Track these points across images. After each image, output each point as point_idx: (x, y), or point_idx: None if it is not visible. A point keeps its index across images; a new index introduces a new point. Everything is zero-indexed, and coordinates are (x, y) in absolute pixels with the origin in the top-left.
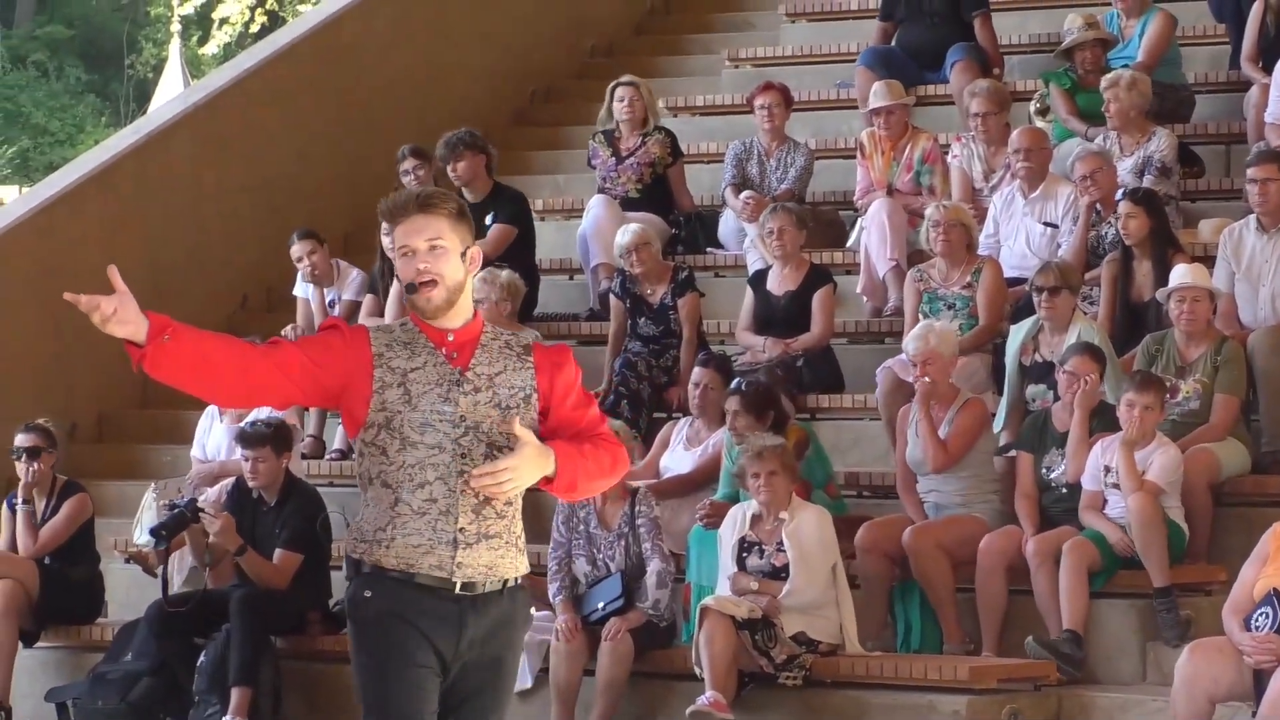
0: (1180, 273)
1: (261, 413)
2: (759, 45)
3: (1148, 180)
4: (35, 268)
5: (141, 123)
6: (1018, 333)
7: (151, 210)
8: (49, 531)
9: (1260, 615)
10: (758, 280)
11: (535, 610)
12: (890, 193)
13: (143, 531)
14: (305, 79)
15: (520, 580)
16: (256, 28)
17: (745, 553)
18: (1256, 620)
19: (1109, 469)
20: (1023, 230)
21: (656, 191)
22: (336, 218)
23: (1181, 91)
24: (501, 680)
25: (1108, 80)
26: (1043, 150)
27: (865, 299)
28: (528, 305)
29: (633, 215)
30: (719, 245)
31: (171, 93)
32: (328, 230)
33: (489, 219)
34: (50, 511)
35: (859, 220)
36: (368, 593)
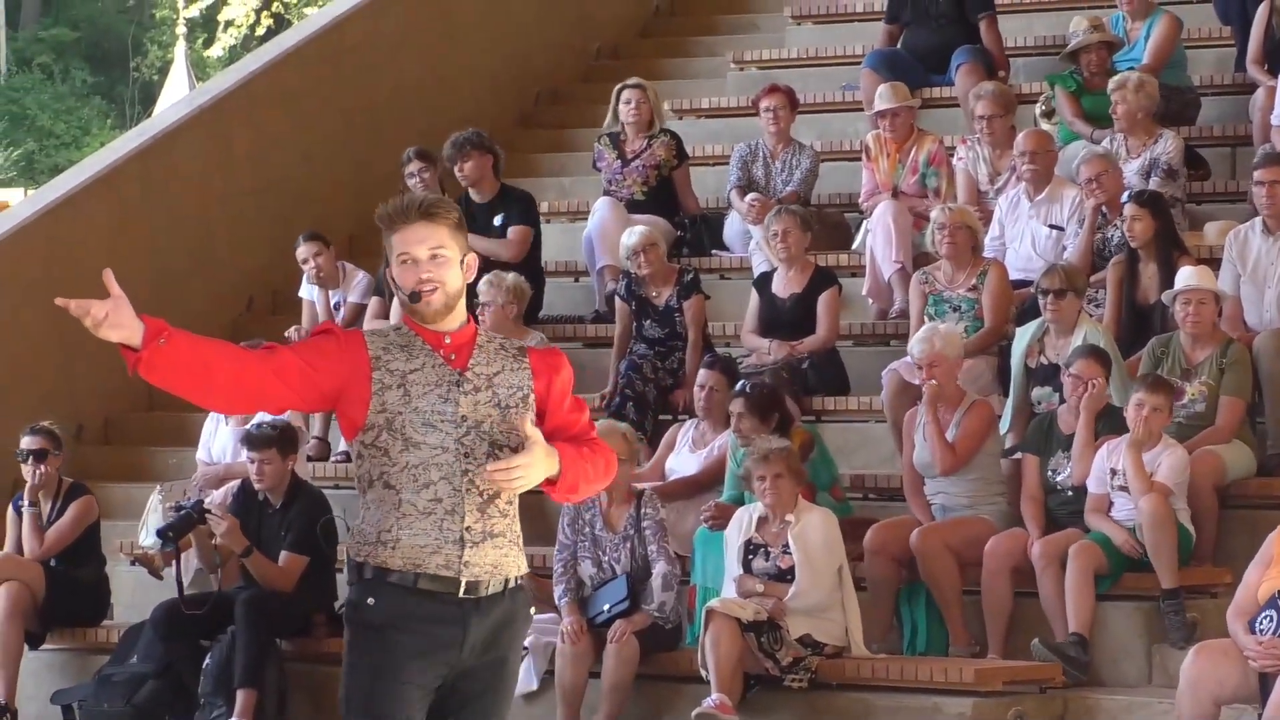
0: (1186, 275)
1: (266, 415)
2: (764, 48)
3: (1154, 182)
4: (41, 270)
5: (147, 125)
6: (1023, 335)
7: (157, 213)
8: (55, 534)
9: (1264, 618)
10: (763, 282)
11: (535, 611)
12: (895, 195)
13: (148, 534)
14: (311, 82)
15: (521, 580)
16: (262, 30)
17: (751, 555)
18: (1261, 623)
19: (1115, 471)
20: (1028, 233)
21: (662, 194)
22: (342, 220)
23: (1187, 94)
24: (504, 681)
25: (1115, 82)
26: (1048, 153)
27: (870, 301)
28: (533, 307)
29: (638, 217)
30: (724, 247)
31: (177, 95)
32: (333, 232)
33: (497, 220)
34: (56, 514)
35: (864, 223)
36: (370, 600)
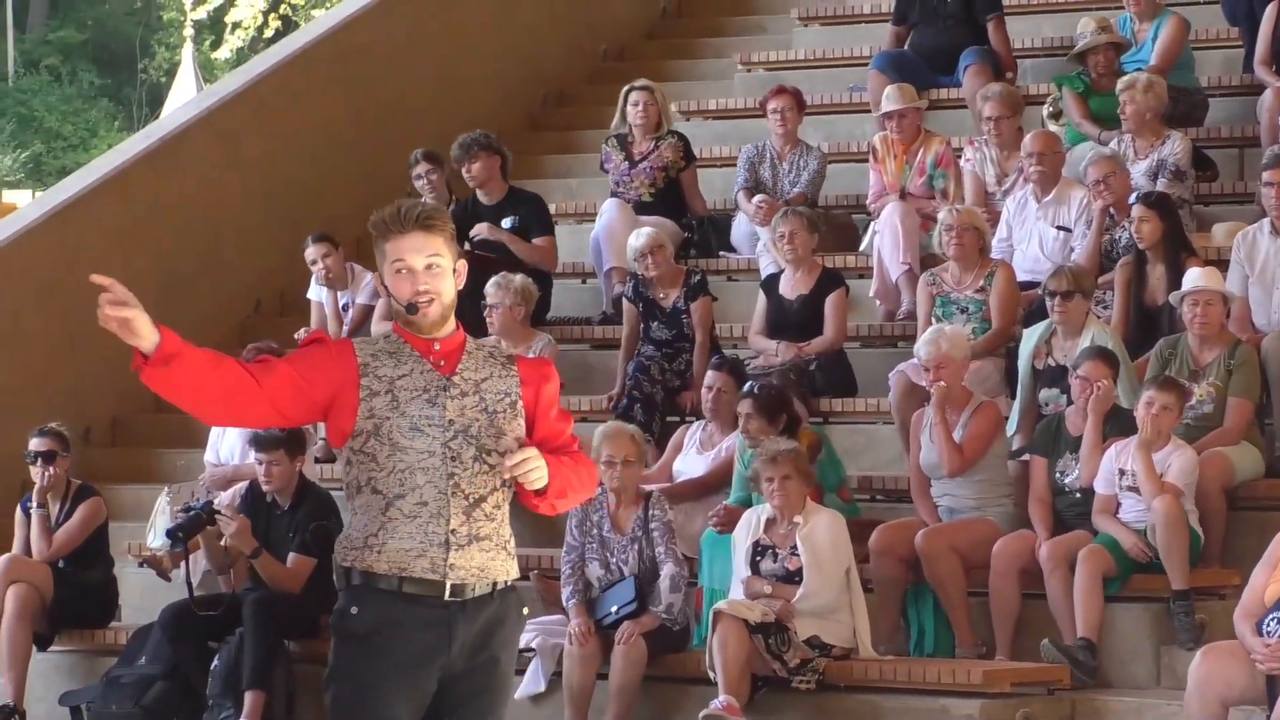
0: (1194, 276)
1: None
2: (771, 49)
3: (1161, 184)
4: (49, 272)
5: (154, 127)
6: (1030, 337)
7: (165, 214)
8: (63, 535)
9: (1271, 620)
10: (770, 284)
11: (527, 612)
12: (903, 196)
13: (157, 535)
14: (318, 83)
15: (510, 583)
16: (270, 32)
17: (759, 556)
18: (1268, 625)
19: (1123, 472)
20: (1036, 234)
21: (669, 195)
22: (350, 221)
23: (1195, 95)
24: (498, 682)
25: (1124, 82)
26: (1056, 154)
27: (878, 303)
28: (541, 309)
29: (646, 219)
30: (732, 249)
31: (184, 97)
32: (342, 234)
33: (505, 222)
34: (64, 515)
35: (872, 224)
36: (354, 609)
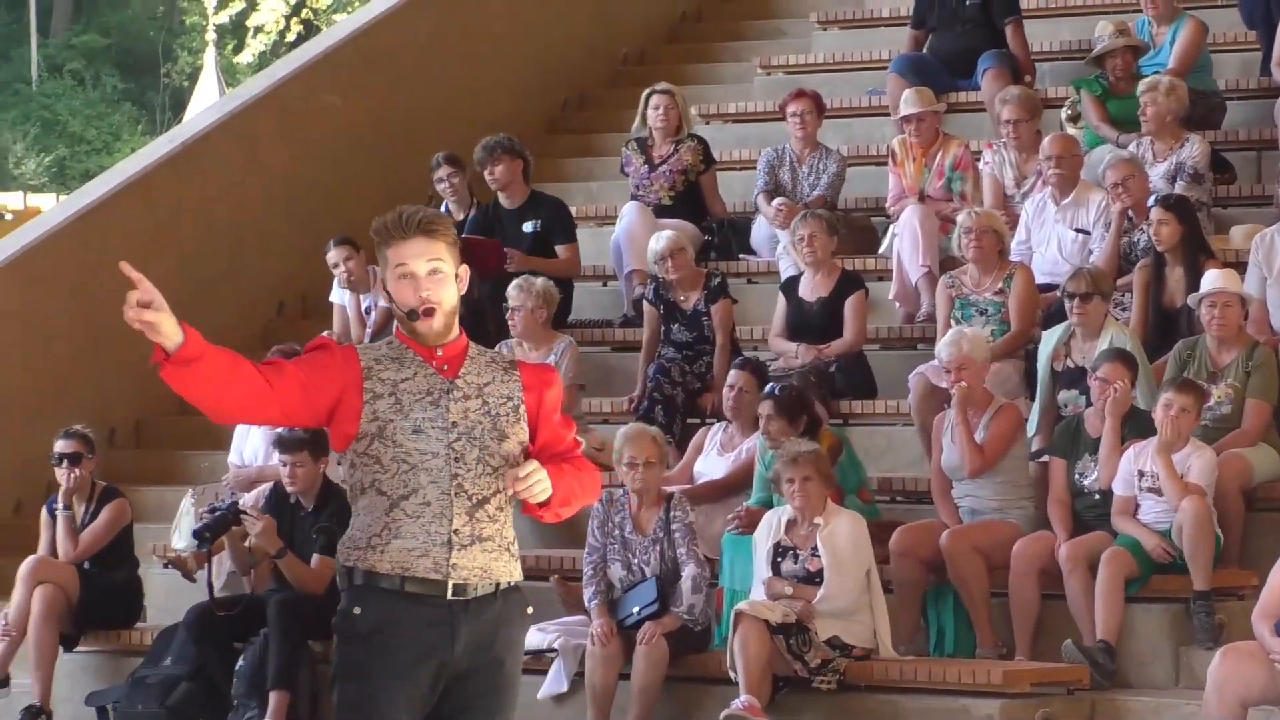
0: (1212, 278)
1: None
2: (791, 53)
3: (1180, 186)
4: (73, 275)
5: (177, 131)
6: (1050, 338)
7: (188, 217)
8: (89, 536)
9: None
10: (790, 286)
11: (531, 611)
12: (922, 199)
13: (181, 536)
14: (340, 87)
15: (514, 584)
16: (292, 36)
17: (780, 558)
18: None
19: (1143, 474)
20: (1054, 237)
21: (689, 198)
22: (369, 225)
23: (1212, 98)
24: (504, 683)
25: (1146, 84)
26: (1074, 157)
27: (897, 305)
28: (562, 312)
29: (666, 222)
30: (751, 252)
31: (207, 101)
32: (363, 237)
33: (526, 226)
34: (90, 517)
35: (891, 227)
36: (357, 609)
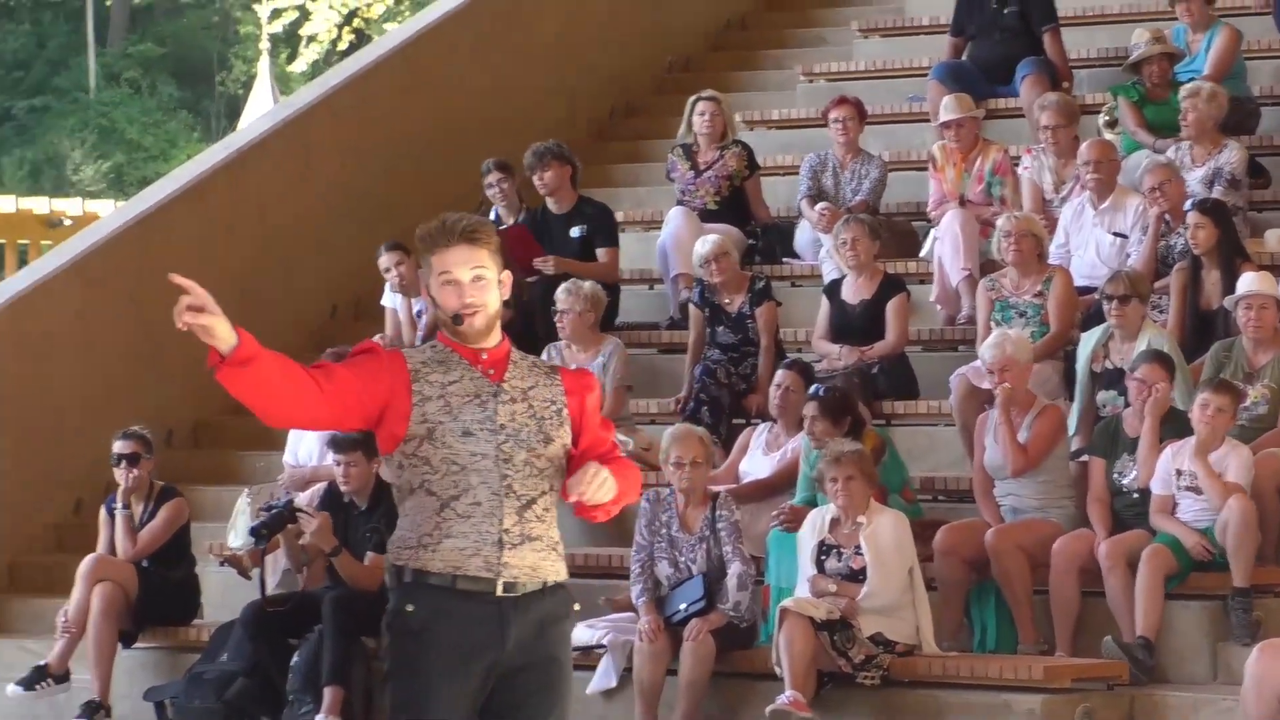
0: (1248, 281)
1: None
2: (833, 60)
3: (1217, 191)
4: (132, 279)
5: (232, 138)
6: (1088, 340)
7: (242, 223)
8: (147, 535)
9: None
10: (833, 289)
11: (578, 608)
12: (962, 204)
13: (238, 535)
14: (391, 95)
15: (560, 582)
16: (344, 45)
17: (824, 556)
18: None
19: (1180, 473)
20: (1092, 240)
21: (734, 203)
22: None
23: (1247, 104)
24: (558, 678)
25: (1187, 90)
26: (1111, 162)
27: (938, 307)
28: (609, 315)
29: (711, 226)
30: (795, 255)
31: (261, 109)
32: (413, 242)
33: (573, 231)
34: (148, 516)
35: (932, 231)
36: (409, 606)
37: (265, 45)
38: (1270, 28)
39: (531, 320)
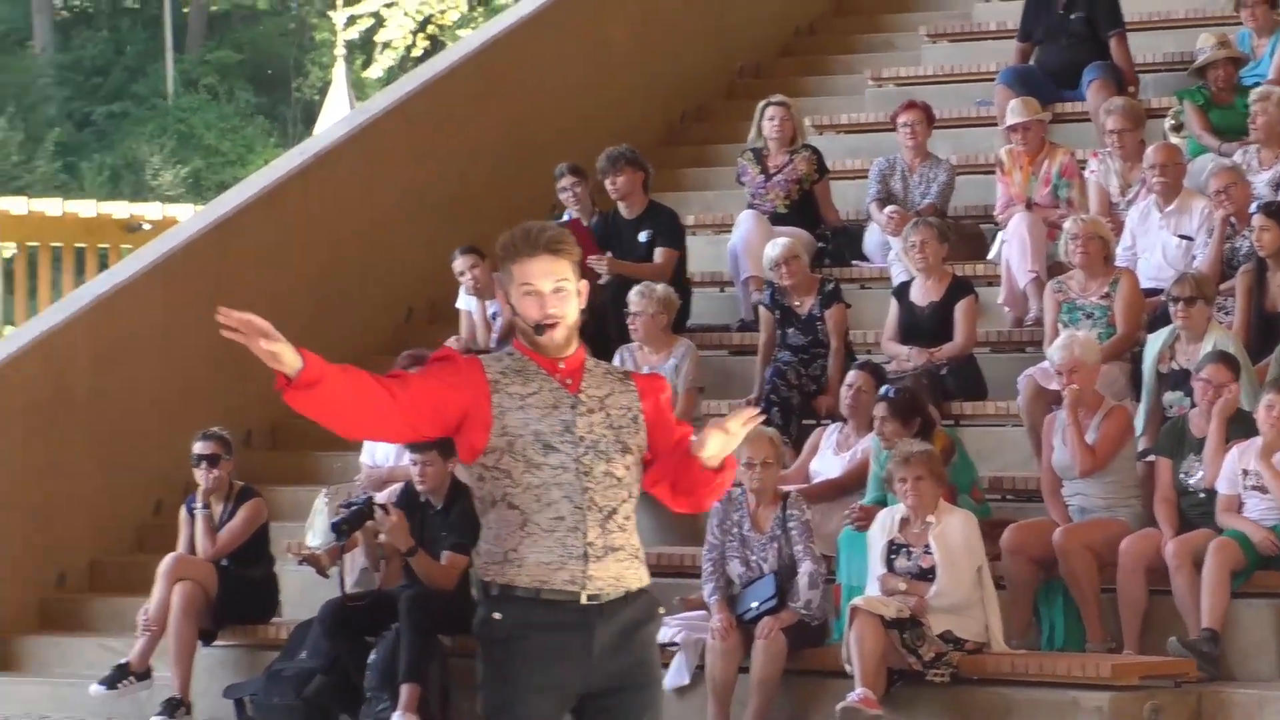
0: None
1: None
2: (901, 65)
3: None
4: (210, 283)
5: (308, 143)
6: (1155, 342)
7: (318, 227)
8: (227, 535)
9: None
10: (902, 291)
11: (663, 611)
12: (1029, 207)
13: (315, 535)
14: (464, 101)
15: (644, 588)
16: (419, 52)
17: (894, 555)
18: None
19: (1247, 472)
20: (1159, 243)
21: (804, 207)
22: (496, 233)
23: None
24: (647, 681)
25: (1257, 94)
26: (1177, 165)
27: (1006, 309)
28: (681, 317)
29: (781, 230)
30: (864, 258)
31: (337, 114)
32: (488, 245)
33: (642, 236)
34: (228, 515)
35: (999, 233)
36: (497, 614)
37: (341, 51)
38: None
39: (604, 322)
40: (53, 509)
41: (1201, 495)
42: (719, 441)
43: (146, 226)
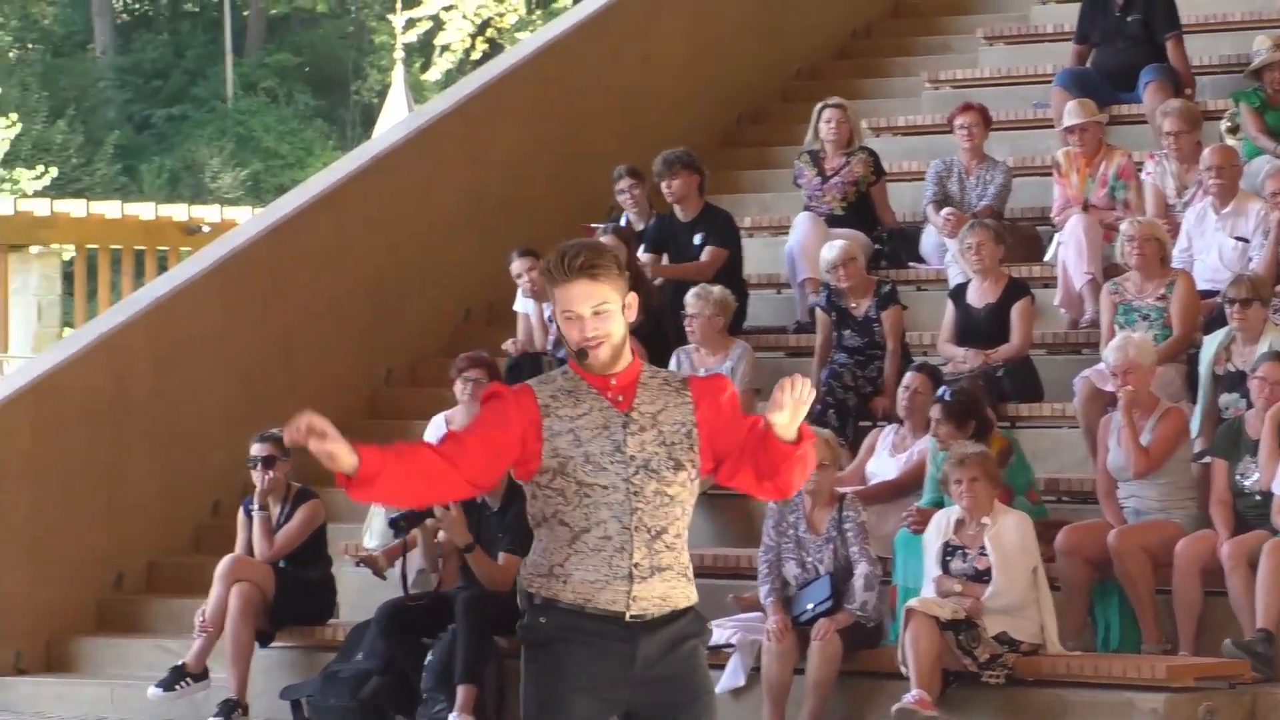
0: None
1: None
2: (958, 67)
3: None
4: (269, 285)
5: (367, 146)
6: (1211, 343)
7: (377, 229)
8: (284, 536)
9: None
10: (958, 293)
11: (710, 623)
12: (1086, 209)
13: (373, 536)
14: (523, 103)
15: (689, 607)
16: (477, 55)
17: (949, 556)
18: None
19: None
20: (1215, 244)
21: (860, 209)
22: (553, 236)
23: None
24: (693, 694)
25: None
26: (1233, 167)
27: (1062, 311)
28: (737, 319)
29: (838, 232)
30: (921, 260)
31: (396, 117)
32: (544, 248)
33: (697, 239)
34: (285, 517)
35: (1056, 235)
36: (542, 619)
37: (400, 55)
38: None
39: (661, 324)
40: (111, 510)
41: (1257, 497)
42: (781, 413)
43: (205, 229)
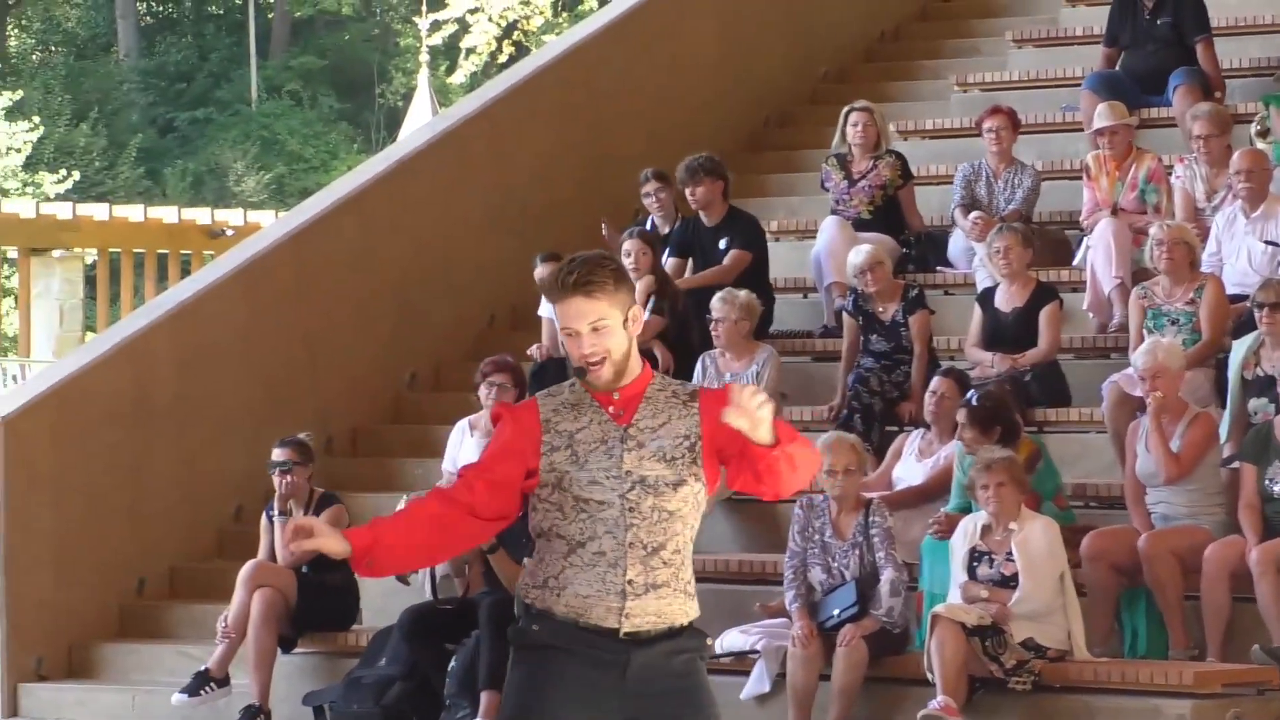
0: None
1: None
2: (986, 70)
3: None
4: (292, 289)
5: (391, 150)
6: (1240, 348)
7: (401, 233)
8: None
9: None
10: (986, 297)
11: (711, 641)
12: (1115, 212)
13: None
14: (548, 107)
15: (688, 624)
16: (503, 58)
17: (976, 562)
18: None
19: None
20: (1244, 248)
21: (888, 212)
22: (576, 240)
23: None
24: (700, 704)
25: None
26: (1263, 171)
27: (1091, 315)
28: (763, 323)
29: (865, 236)
30: (948, 264)
31: (420, 120)
32: (568, 252)
33: (722, 243)
34: None
35: (1085, 239)
36: (535, 626)
37: (425, 58)
38: None
39: (686, 328)
40: (133, 515)
41: None
42: (738, 420)
43: (229, 232)
